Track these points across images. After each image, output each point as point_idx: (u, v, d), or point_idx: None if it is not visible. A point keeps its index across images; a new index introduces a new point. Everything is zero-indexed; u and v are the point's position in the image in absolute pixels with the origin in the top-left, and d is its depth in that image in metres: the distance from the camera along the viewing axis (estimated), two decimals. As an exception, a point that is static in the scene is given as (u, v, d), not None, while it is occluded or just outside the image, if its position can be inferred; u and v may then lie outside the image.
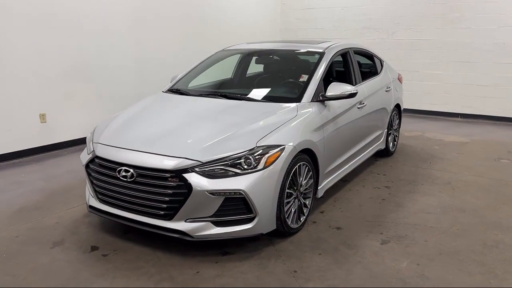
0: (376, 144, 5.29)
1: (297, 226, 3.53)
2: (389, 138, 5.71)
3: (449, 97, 8.65)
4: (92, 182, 3.42)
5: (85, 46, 6.17)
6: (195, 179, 2.95)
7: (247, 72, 5.19)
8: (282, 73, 4.65)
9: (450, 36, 8.40)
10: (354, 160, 4.66)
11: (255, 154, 3.08)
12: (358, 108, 4.51)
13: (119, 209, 3.26)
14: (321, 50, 4.39)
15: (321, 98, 3.87)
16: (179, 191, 2.97)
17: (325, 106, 3.92)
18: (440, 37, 8.52)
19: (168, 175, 3.00)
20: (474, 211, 4.04)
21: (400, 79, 6.11)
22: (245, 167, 3.03)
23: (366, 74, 5.21)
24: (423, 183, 4.78)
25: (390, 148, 5.78)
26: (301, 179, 3.49)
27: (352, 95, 3.90)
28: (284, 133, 3.34)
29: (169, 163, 3.01)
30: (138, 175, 3.09)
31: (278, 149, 3.18)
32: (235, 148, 3.09)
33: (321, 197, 3.93)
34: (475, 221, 3.81)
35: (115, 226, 3.62)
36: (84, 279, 2.89)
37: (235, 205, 3.03)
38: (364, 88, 4.78)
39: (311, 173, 3.63)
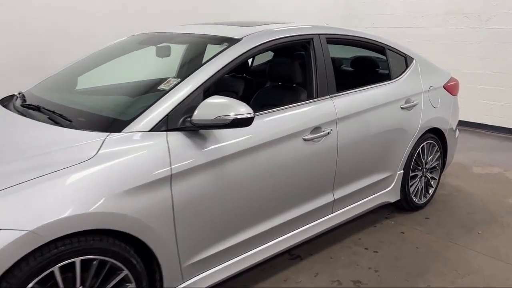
0: (373, 196, 3.20)
1: None
2: (413, 184, 3.53)
3: None
4: None
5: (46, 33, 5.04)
6: None
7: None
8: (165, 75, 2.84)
9: None
10: (301, 229, 2.69)
11: None
12: (307, 140, 2.54)
13: None
14: (237, 37, 2.50)
15: (179, 126, 2.05)
16: None
17: (200, 138, 2.09)
18: (560, 25, 5.72)
19: None
20: None
21: (449, 88, 3.80)
22: None
23: (359, 80, 3.15)
24: (432, 283, 2.61)
25: (415, 200, 3.57)
26: (88, 283, 1.77)
27: (239, 123, 2.01)
28: (21, 197, 1.62)
29: None
30: None
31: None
32: None
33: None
34: None
35: None
36: None
37: None
38: (336, 104, 2.76)
39: (126, 273, 1.88)
